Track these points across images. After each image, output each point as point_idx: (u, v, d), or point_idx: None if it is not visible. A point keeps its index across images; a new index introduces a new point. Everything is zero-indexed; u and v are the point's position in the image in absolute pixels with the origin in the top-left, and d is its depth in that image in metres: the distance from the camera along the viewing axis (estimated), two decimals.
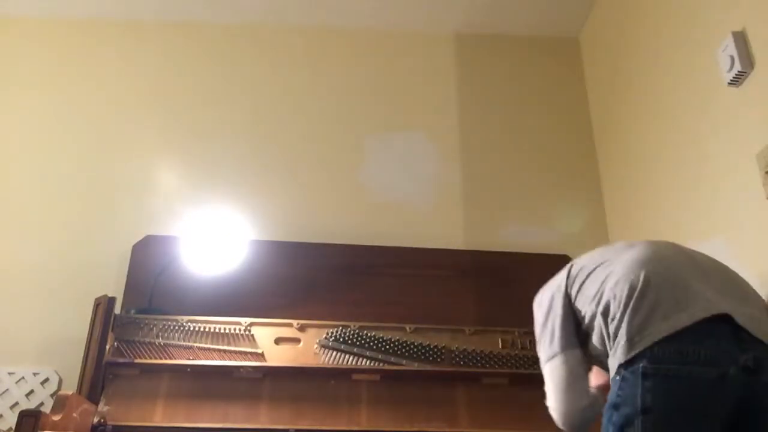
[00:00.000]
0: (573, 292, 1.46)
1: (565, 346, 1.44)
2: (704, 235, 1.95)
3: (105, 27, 2.89)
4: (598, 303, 1.37)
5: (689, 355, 1.23)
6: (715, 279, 1.37)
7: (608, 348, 1.35)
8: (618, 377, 1.28)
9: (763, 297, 1.65)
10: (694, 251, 1.49)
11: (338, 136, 2.77)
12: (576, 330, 1.45)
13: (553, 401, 1.46)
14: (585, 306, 1.42)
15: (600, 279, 1.40)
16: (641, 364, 1.25)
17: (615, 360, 1.30)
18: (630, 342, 1.27)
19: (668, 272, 1.34)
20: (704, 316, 1.26)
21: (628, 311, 1.29)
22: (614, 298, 1.33)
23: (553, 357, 1.45)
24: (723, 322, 1.27)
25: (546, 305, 1.51)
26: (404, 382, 2.08)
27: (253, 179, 2.66)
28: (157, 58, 2.86)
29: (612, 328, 1.33)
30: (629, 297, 1.31)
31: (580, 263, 1.50)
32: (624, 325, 1.29)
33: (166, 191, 2.62)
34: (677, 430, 1.22)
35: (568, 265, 1.53)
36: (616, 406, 1.27)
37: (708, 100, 1.97)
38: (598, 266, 1.44)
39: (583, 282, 1.44)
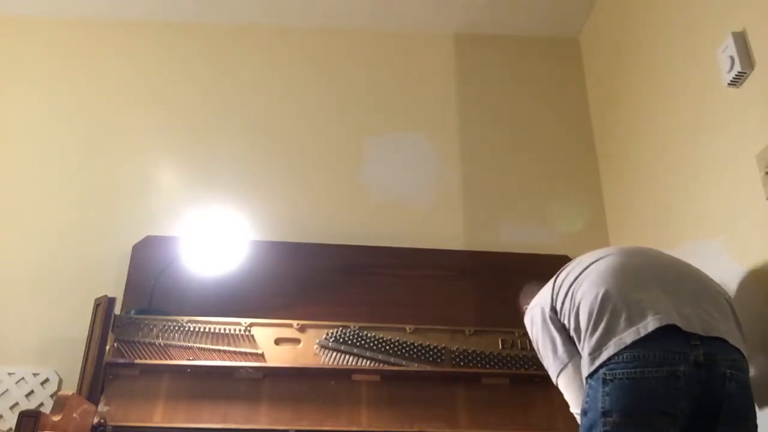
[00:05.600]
0: (558, 306, 1.56)
1: (572, 354, 1.52)
2: (704, 235, 1.95)
3: (105, 27, 2.89)
4: (569, 319, 1.50)
5: (641, 359, 1.34)
6: (671, 284, 1.46)
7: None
8: (586, 386, 1.42)
9: (762, 297, 1.65)
10: (661, 255, 1.60)
11: (338, 136, 2.77)
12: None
13: (579, 407, 1.49)
14: (566, 320, 1.52)
15: (572, 296, 1.51)
16: (601, 371, 1.37)
17: (584, 373, 1.43)
18: (591, 357, 1.40)
19: (624, 287, 1.45)
20: (652, 329, 1.35)
21: (589, 331, 1.43)
22: (581, 317, 1.46)
23: (564, 368, 1.53)
24: (674, 326, 1.37)
25: (539, 321, 1.59)
26: (404, 382, 2.08)
27: (253, 179, 2.66)
28: (157, 58, 2.86)
29: (580, 345, 1.46)
30: (589, 318, 1.43)
31: (561, 278, 1.59)
32: (585, 344, 1.43)
33: (166, 191, 2.62)
34: (635, 429, 1.31)
35: (553, 280, 1.62)
36: (584, 412, 1.39)
37: (708, 101, 1.97)
38: (574, 281, 1.53)
39: (564, 298, 1.54)
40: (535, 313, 1.62)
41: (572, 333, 1.49)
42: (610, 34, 2.75)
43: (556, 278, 1.61)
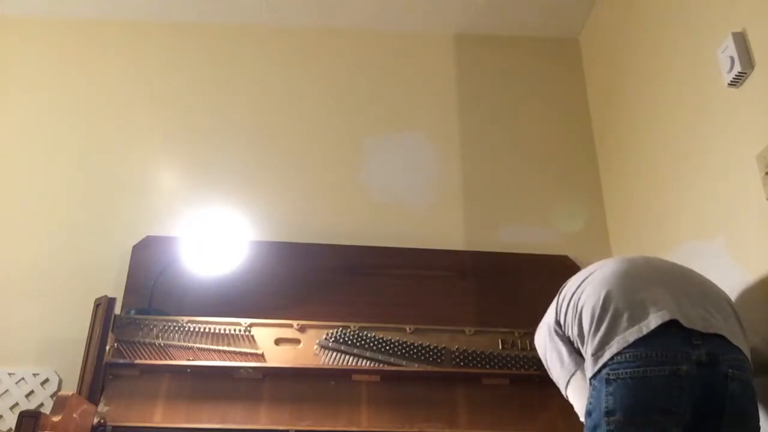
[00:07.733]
0: (561, 319, 1.57)
1: (578, 362, 1.52)
2: (704, 235, 1.95)
3: (105, 27, 2.89)
4: (573, 326, 1.51)
5: (643, 358, 1.34)
6: (673, 285, 1.47)
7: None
8: (590, 387, 1.42)
9: (762, 297, 1.66)
10: (664, 261, 1.62)
11: (338, 137, 2.77)
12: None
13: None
14: (570, 330, 1.53)
15: (575, 304, 1.52)
16: (604, 371, 1.37)
17: (588, 374, 1.43)
18: (594, 357, 1.41)
19: (626, 288, 1.46)
20: (654, 327, 1.36)
21: (591, 332, 1.43)
22: (584, 320, 1.46)
23: (572, 376, 1.53)
24: (676, 324, 1.38)
25: (546, 339, 1.62)
26: (404, 382, 2.08)
27: (253, 179, 2.66)
28: (157, 58, 2.86)
29: (583, 348, 1.46)
30: (591, 319, 1.44)
31: (564, 291, 1.61)
32: (588, 345, 1.44)
33: (166, 191, 2.62)
34: (638, 428, 1.31)
35: (556, 296, 1.64)
36: (588, 413, 1.39)
37: (708, 101, 1.97)
38: (576, 290, 1.55)
39: (567, 309, 1.55)
40: (542, 331, 1.64)
41: (576, 339, 1.50)
42: (610, 34, 2.75)
43: (559, 294, 1.63)
